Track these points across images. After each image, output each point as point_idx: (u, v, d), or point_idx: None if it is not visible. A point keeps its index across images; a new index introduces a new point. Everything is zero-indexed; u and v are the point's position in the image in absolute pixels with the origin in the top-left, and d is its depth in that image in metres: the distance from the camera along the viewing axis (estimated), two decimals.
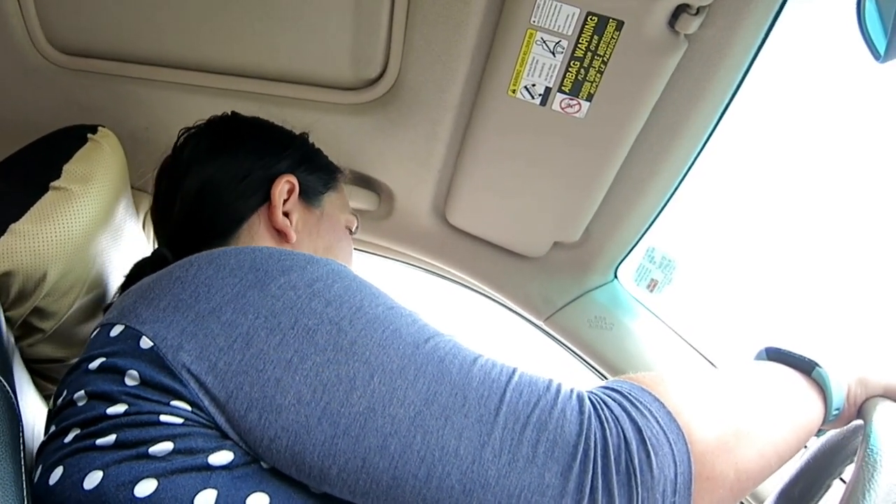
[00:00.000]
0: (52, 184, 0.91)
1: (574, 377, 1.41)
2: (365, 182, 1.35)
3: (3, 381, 0.70)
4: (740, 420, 0.69)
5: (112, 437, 0.66)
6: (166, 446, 0.65)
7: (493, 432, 0.63)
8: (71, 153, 0.95)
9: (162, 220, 1.02)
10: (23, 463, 0.67)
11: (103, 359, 0.70)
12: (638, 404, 0.66)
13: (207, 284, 0.71)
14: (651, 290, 1.33)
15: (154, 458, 0.65)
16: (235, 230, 0.96)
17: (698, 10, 0.87)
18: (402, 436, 0.63)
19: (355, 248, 1.11)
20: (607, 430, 0.64)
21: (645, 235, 1.26)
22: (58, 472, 0.66)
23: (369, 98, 1.16)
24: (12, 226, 0.86)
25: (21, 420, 0.71)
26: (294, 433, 0.64)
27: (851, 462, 0.79)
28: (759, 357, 0.86)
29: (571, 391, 0.68)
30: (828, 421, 0.79)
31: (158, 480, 0.64)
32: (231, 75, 1.20)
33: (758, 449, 0.69)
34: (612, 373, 1.33)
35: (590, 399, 0.67)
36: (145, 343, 0.68)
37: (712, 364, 1.31)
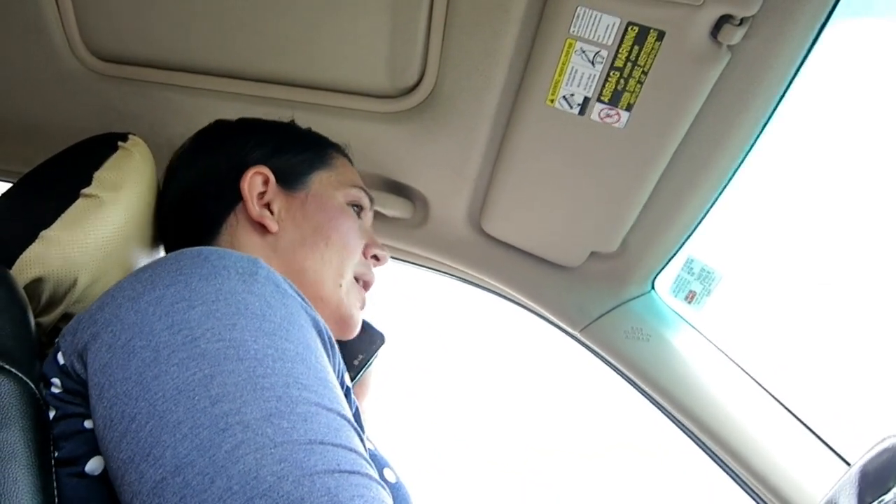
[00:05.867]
0: (83, 191, 0.91)
1: (610, 388, 1.40)
2: (400, 190, 1.35)
3: (32, 385, 0.71)
4: None
5: (56, 454, 0.68)
6: (98, 463, 0.66)
7: None
8: (101, 161, 0.96)
9: (159, 229, 1.06)
10: (53, 467, 0.68)
11: (40, 363, 0.74)
12: None
13: (112, 294, 0.70)
14: (689, 302, 1.31)
15: (93, 477, 0.66)
16: (217, 232, 0.97)
17: (742, 21, 0.86)
18: (143, 500, 0.56)
19: (391, 257, 1.09)
20: None
21: (684, 246, 1.24)
22: None
23: (406, 106, 1.15)
24: (43, 232, 0.87)
25: (52, 425, 0.72)
26: (106, 463, 0.63)
27: None
28: None
29: None
30: None
31: None
32: (267, 83, 1.20)
33: None
34: (650, 385, 1.31)
35: None
36: (60, 358, 0.70)
37: (752, 377, 1.29)
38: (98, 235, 0.91)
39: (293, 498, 0.53)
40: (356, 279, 1.03)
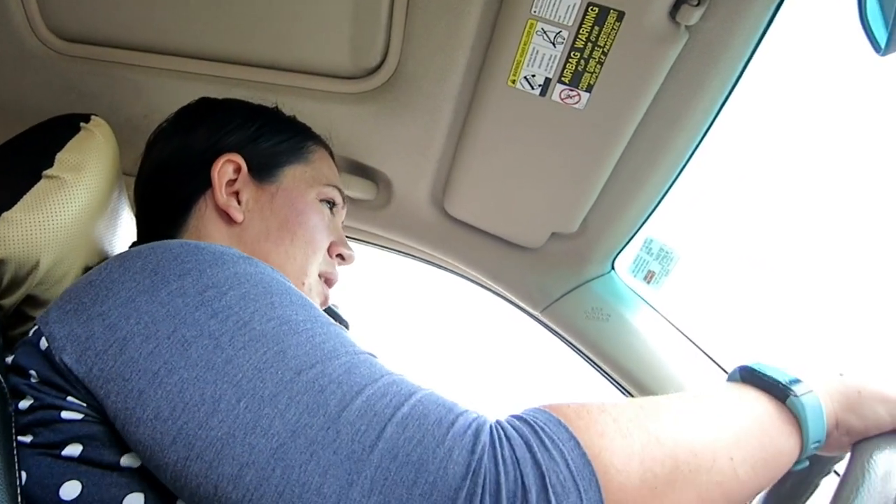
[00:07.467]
0: (45, 172, 0.90)
1: (571, 369, 1.42)
2: (363, 171, 1.35)
3: None
4: (678, 460, 0.61)
5: (30, 438, 0.69)
6: (76, 449, 0.67)
7: (364, 471, 0.57)
8: (63, 142, 0.94)
9: (135, 204, 1.05)
10: (15, 450, 0.68)
11: (13, 356, 0.73)
12: (548, 443, 0.59)
13: (108, 287, 0.70)
14: (648, 282, 1.33)
15: (69, 459, 0.67)
16: (184, 216, 0.97)
17: (699, 2, 0.87)
18: (260, 467, 0.58)
19: (352, 238, 1.09)
20: (502, 474, 0.57)
21: (643, 226, 1.26)
22: None
23: (368, 87, 1.15)
24: (4, 214, 0.85)
25: (10, 406, 0.71)
26: (149, 449, 0.63)
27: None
28: (732, 378, 0.76)
29: (470, 425, 0.60)
30: (807, 454, 0.70)
31: (82, 482, 0.66)
32: (230, 63, 1.19)
33: (698, 492, 0.62)
34: (609, 364, 1.33)
35: (492, 434, 0.60)
36: (43, 344, 0.70)
37: (708, 356, 1.31)
38: (60, 217, 0.89)
39: (415, 412, 0.61)
40: (319, 276, 1.03)
